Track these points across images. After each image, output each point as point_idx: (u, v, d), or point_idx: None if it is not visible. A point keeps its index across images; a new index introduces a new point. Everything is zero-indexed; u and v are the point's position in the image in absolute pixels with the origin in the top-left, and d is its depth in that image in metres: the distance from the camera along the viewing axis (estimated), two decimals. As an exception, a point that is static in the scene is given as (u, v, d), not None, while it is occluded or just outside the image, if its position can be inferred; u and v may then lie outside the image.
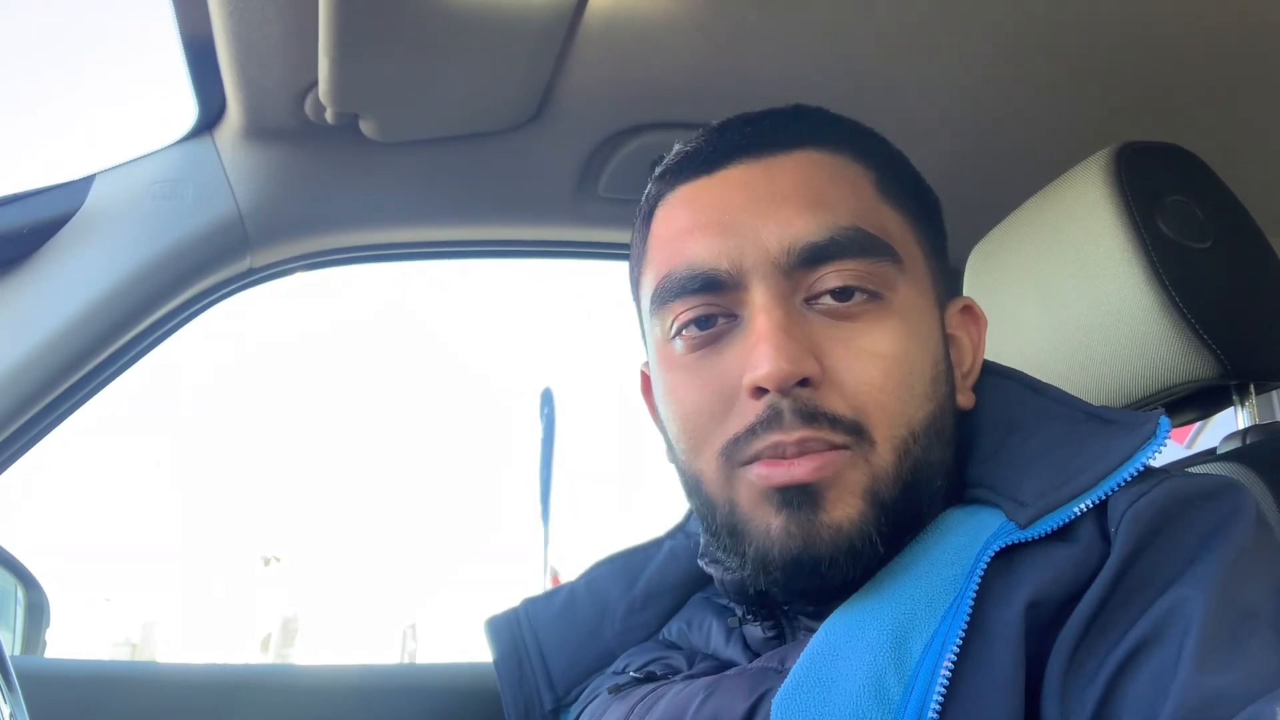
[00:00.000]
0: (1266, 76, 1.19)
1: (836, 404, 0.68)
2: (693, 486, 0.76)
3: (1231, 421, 0.97)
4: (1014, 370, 0.81)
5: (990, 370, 0.81)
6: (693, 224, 0.75)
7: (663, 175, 0.81)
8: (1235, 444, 0.94)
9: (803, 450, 0.67)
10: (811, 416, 0.67)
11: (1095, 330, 0.94)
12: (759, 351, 0.68)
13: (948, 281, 0.81)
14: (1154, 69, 1.16)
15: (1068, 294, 0.96)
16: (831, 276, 0.70)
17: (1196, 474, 0.69)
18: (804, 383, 0.68)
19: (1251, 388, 0.96)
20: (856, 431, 0.68)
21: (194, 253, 1.18)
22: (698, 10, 1.03)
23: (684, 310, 0.73)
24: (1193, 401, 0.98)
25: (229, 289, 1.26)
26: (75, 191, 1.16)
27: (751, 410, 0.69)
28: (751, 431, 0.69)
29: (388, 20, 0.97)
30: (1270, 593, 0.60)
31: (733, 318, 0.72)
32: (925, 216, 0.79)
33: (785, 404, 0.67)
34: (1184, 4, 1.07)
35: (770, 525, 0.69)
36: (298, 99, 1.12)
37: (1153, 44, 1.12)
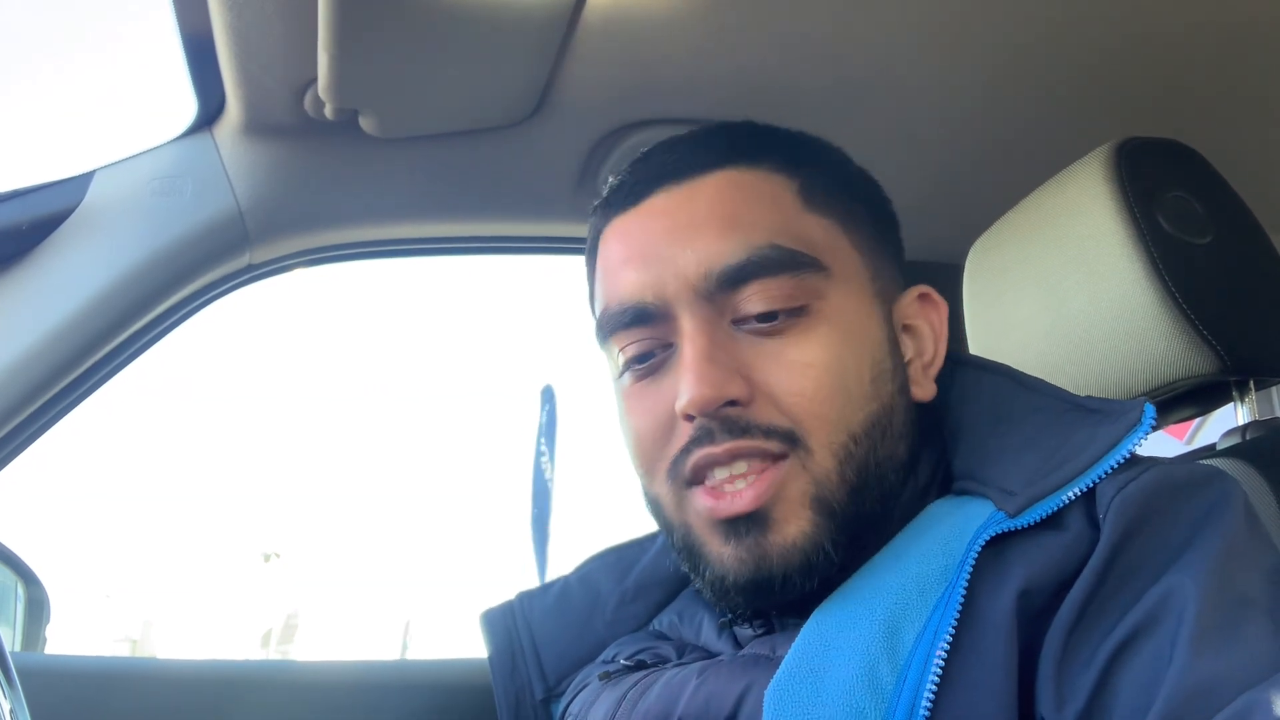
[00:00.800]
0: (1267, 73, 1.19)
1: (771, 415, 0.70)
2: (653, 509, 0.79)
3: (1231, 417, 0.97)
4: (999, 364, 0.81)
5: (976, 364, 0.82)
6: (622, 257, 0.77)
7: (598, 208, 0.83)
8: (1235, 440, 0.94)
9: (732, 457, 0.69)
10: (743, 430, 0.70)
11: (1095, 326, 0.94)
12: (684, 381, 0.70)
13: (900, 273, 0.81)
14: (1154, 65, 1.16)
15: (1068, 290, 0.96)
16: (755, 299, 0.72)
17: (1183, 462, 0.70)
18: (733, 403, 0.70)
19: (1251, 383, 0.96)
20: (791, 439, 0.70)
21: (193, 249, 1.18)
22: (698, 6, 1.03)
23: (626, 344, 0.76)
24: (1192, 397, 0.98)
25: (229, 285, 1.26)
26: (75, 187, 1.16)
27: (686, 432, 0.72)
28: (685, 450, 0.72)
29: (387, 16, 0.97)
30: (1263, 580, 0.61)
31: (669, 347, 0.74)
32: (862, 216, 0.80)
33: (715, 423, 0.70)
34: (1186, 1, 1.07)
35: (722, 553, 0.71)
36: (297, 95, 1.12)
37: (1153, 40, 1.12)
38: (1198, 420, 1.78)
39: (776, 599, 0.71)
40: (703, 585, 0.74)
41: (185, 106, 1.18)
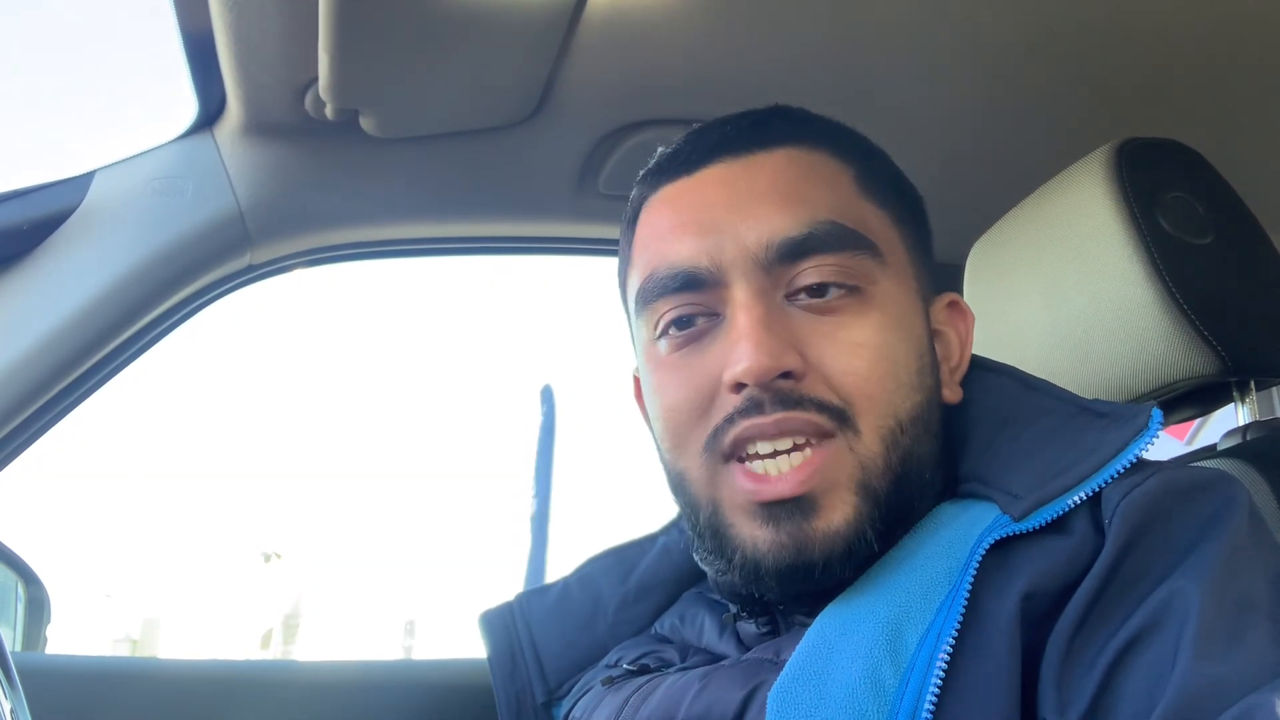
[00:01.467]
0: (1267, 73, 1.19)
1: (822, 391, 0.69)
2: (677, 485, 0.77)
3: (1232, 418, 0.97)
4: (1007, 366, 0.81)
5: (983, 366, 0.82)
6: (674, 224, 0.76)
7: (645, 178, 0.82)
8: (1236, 440, 0.94)
9: (781, 430, 0.68)
10: (795, 402, 0.68)
11: (1095, 326, 0.94)
12: (740, 348, 0.68)
13: (934, 278, 0.81)
14: (1155, 65, 1.16)
15: (1068, 290, 0.96)
16: (810, 272, 0.71)
17: (1189, 466, 0.70)
18: (787, 376, 0.68)
19: (1252, 384, 0.96)
20: (841, 417, 0.69)
21: (194, 249, 1.18)
22: (698, 6, 1.03)
23: (667, 310, 0.74)
24: (1193, 398, 0.98)
25: (229, 285, 1.26)
26: (75, 188, 1.16)
27: (731, 403, 0.70)
28: (729, 420, 0.70)
29: (387, 17, 0.97)
30: (1266, 584, 0.61)
31: (715, 316, 0.73)
32: (907, 213, 0.80)
33: (766, 396, 0.68)
34: (1186, 1, 1.07)
35: (758, 537, 0.69)
36: (298, 95, 1.12)
37: (1153, 40, 1.12)
38: (1198, 421, 1.78)
39: (814, 585, 0.69)
40: (727, 568, 0.72)
41: (186, 106, 1.18)
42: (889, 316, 0.72)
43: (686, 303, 0.73)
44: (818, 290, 0.71)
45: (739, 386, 0.69)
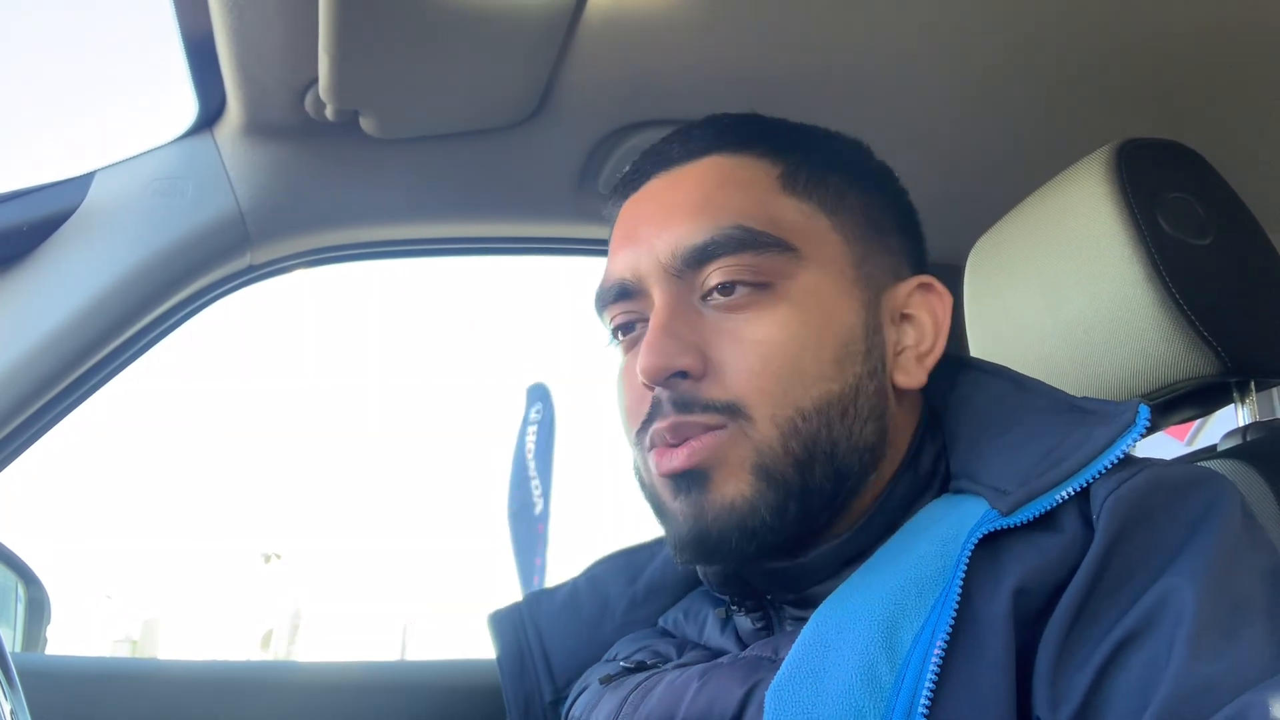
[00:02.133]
0: (1268, 74, 1.19)
1: (714, 392, 0.73)
2: (636, 475, 0.82)
3: (1232, 419, 0.97)
4: (1001, 367, 0.82)
5: (977, 367, 0.83)
6: (617, 238, 0.83)
7: (611, 195, 0.88)
8: (1236, 441, 0.94)
9: (679, 436, 0.73)
10: (686, 405, 0.73)
11: (1095, 327, 0.94)
12: (641, 350, 0.74)
13: (901, 260, 0.82)
14: (1155, 66, 1.16)
15: (1068, 291, 0.96)
16: (716, 274, 0.75)
17: (1178, 463, 0.70)
18: (685, 375, 0.73)
19: (1252, 385, 0.95)
20: (731, 412, 0.72)
21: (194, 249, 1.18)
22: (699, 6, 1.03)
23: (614, 317, 0.82)
24: (1193, 398, 0.98)
25: (229, 286, 1.26)
26: (75, 188, 1.16)
27: (649, 402, 0.75)
28: (647, 421, 0.76)
29: (387, 17, 0.97)
30: (1260, 583, 0.61)
31: (646, 321, 0.78)
32: (854, 203, 0.81)
33: (665, 395, 0.74)
34: (1186, 1, 1.07)
35: (672, 508, 0.75)
36: (298, 96, 1.12)
37: (1154, 41, 1.12)
38: (1199, 421, 1.78)
39: (717, 560, 0.74)
40: (672, 547, 0.77)
41: (186, 107, 1.18)
42: (800, 309, 0.74)
43: (623, 310, 0.80)
44: (725, 289, 0.75)
45: (647, 385, 0.74)
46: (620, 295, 0.80)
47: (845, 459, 0.74)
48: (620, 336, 0.82)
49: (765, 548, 0.72)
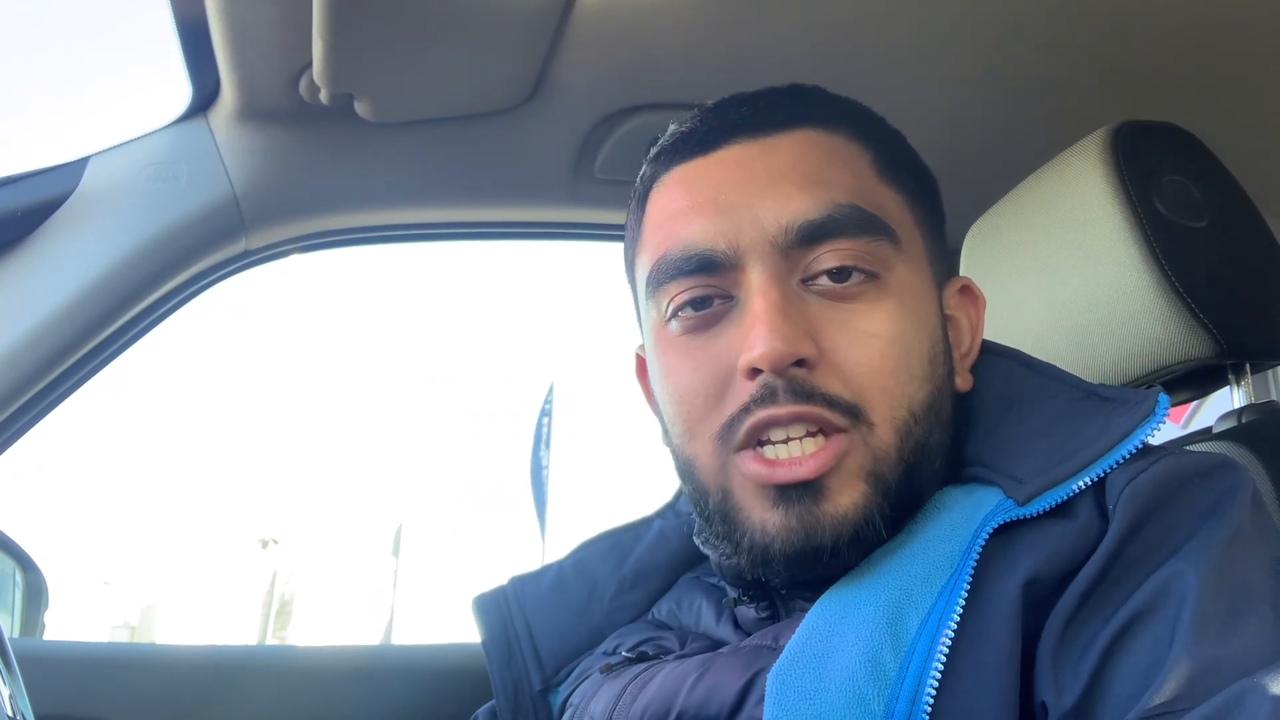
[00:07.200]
0: (1264, 56, 1.19)
1: (834, 385, 0.68)
2: (686, 471, 0.76)
3: (1227, 401, 0.98)
4: (1011, 349, 0.81)
5: (987, 350, 0.81)
6: (689, 205, 0.74)
7: (657, 156, 0.81)
8: (1231, 423, 0.94)
9: (803, 426, 0.67)
10: (807, 395, 0.67)
11: (1092, 310, 0.94)
12: (755, 333, 0.67)
13: (945, 263, 0.81)
14: (1152, 48, 1.16)
15: (1065, 273, 0.96)
16: (829, 256, 0.70)
17: (1195, 451, 0.69)
18: (800, 364, 0.67)
19: (1247, 367, 0.96)
20: (854, 414, 0.68)
21: (189, 235, 1.18)
22: (694, -11, 1.02)
23: (680, 292, 0.73)
24: (1189, 380, 0.98)
25: (224, 271, 1.25)
26: (70, 174, 1.16)
27: (746, 391, 0.69)
28: (745, 410, 0.68)
29: (382, 1, 0.96)
30: (1265, 571, 0.61)
31: (729, 299, 0.72)
32: (922, 197, 0.79)
33: (780, 383, 0.67)
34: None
35: (767, 520, 0.68)
36: (292, 80, 1.11)
37: (1150, 23, 1.12)
38: (1194, 404, 1.78)
39: (822, 570, 0.68)
40: (734, 551, 0.72)
41: (180, 92, 1.18)
42: (905, 304, 0.71)
43: (700, 285, 0.72)
44: (837, 274, 0.70)
45: (754, 372, 0.68)
46: (702, 267, 0.72)
47: (936, 464, 0.72)
48: (682, 313, 0.73)
49: (867, 554, 0.68)
